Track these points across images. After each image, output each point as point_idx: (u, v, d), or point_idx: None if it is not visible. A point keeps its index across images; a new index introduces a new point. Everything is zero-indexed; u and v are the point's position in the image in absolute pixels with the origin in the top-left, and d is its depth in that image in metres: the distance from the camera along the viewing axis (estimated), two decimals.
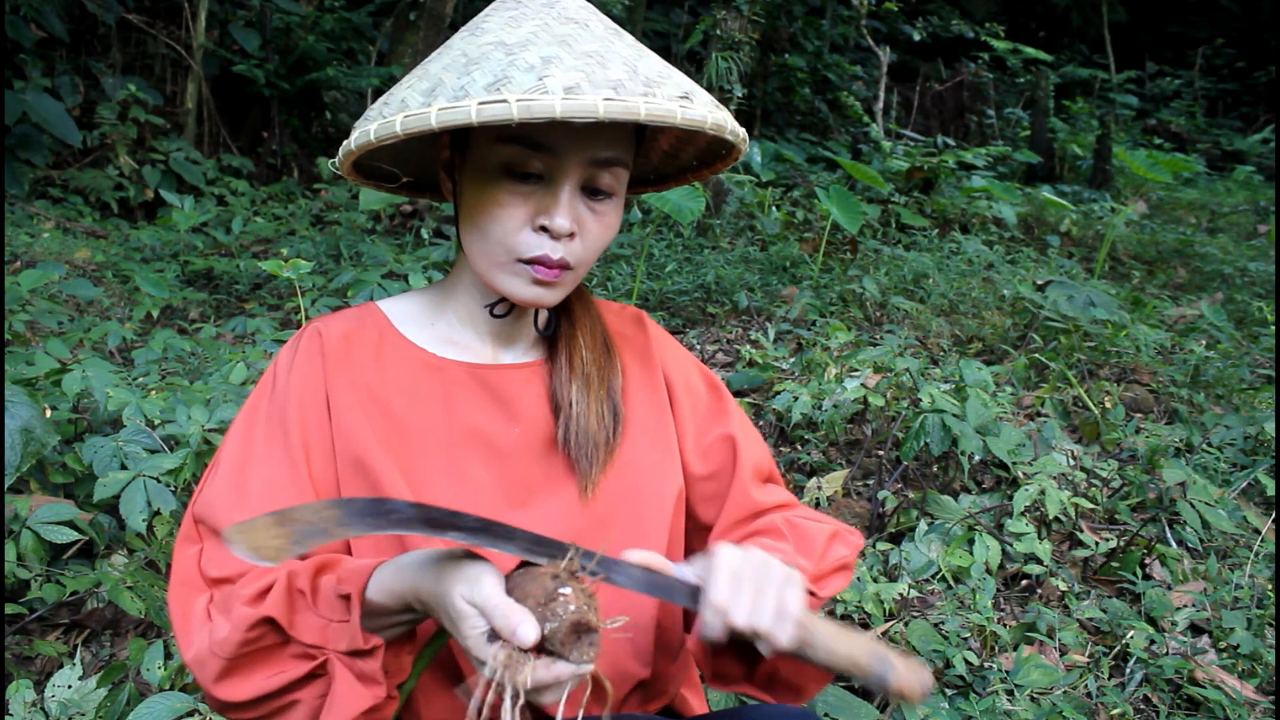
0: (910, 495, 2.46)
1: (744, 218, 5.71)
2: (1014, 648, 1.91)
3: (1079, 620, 2.03)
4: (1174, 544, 2.32)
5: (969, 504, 2.33)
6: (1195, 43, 13.80)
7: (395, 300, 1.08)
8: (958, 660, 1.78)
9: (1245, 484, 2.57)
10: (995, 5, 13.27)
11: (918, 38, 10.63)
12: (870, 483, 2.62)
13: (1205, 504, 2.22)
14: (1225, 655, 1.89)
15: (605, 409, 1.03)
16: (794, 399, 2.63)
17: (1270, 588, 2.09)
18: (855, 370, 2.83)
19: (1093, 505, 2.41)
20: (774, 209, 5.68)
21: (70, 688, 1.62)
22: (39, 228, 5.12)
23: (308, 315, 3.37)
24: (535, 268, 0.93)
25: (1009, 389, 3.11)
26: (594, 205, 0.95)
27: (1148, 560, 2.26)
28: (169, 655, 1.66)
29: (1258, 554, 2.21)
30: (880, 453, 2.75)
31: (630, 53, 0.89)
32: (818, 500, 2.46)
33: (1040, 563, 2.15)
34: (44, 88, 5.91)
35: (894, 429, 2.66)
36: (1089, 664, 1.88)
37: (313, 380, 0.99)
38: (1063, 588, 2.12)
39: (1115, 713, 1.72)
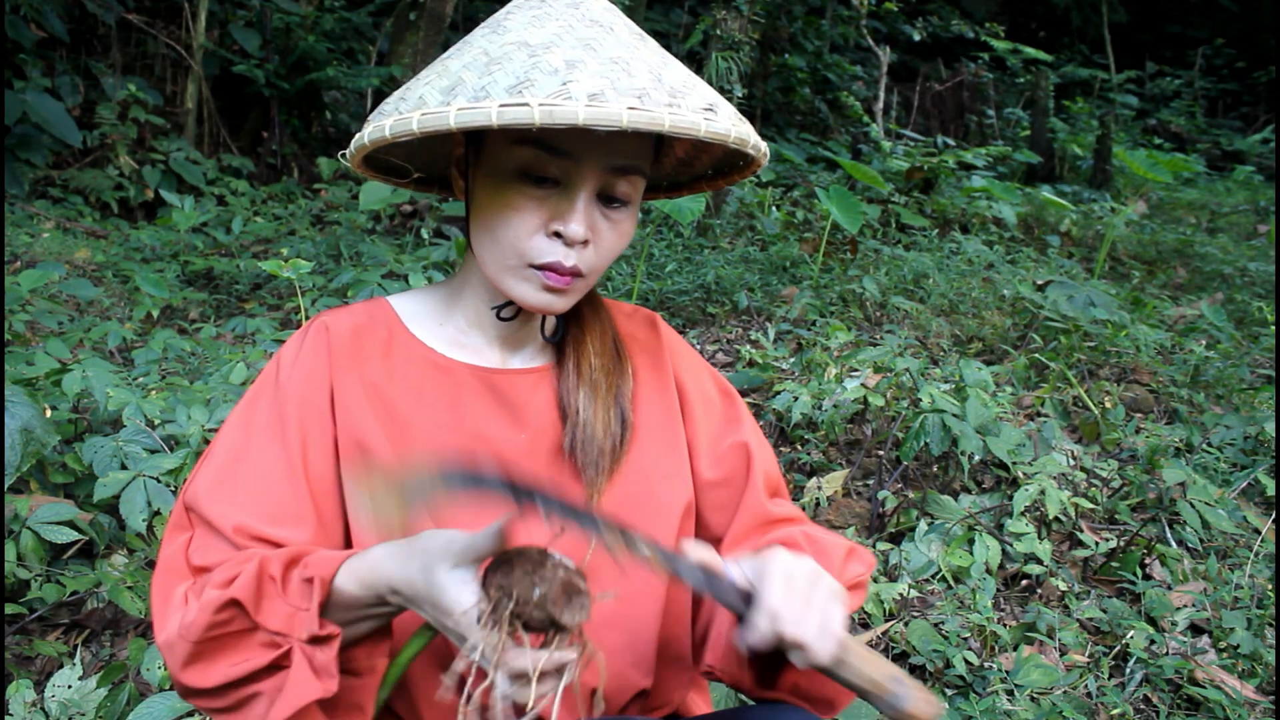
0: (910, 495, 2.46)
1: (744, 218, 5.71)
2: (1014, 648, 1.91)
3: (1079, 620, 2.03)
4: (1174, 544, 2.32)
5: (969, 504, 2.33)
6: (1195, 43, 13.80)
7: (406, 297, 1.06)
8: (958, 660, 1.78)
9: (1245, 484, 2.57)
10: (995, 5, 13.27)
11: (918, 38, 10.63)
12: (870, 483, 2.62)
13: (1205, 504, 2.22)
14: (1225, 655, 1.89)
15: (613, 416, 1.02)
16: (794, 399, 2.63)
17: (1270, 588, 2.09)
18: (855, 370, 2.83)
19: (1093, 505, 2.41)
20: (774, 209, 5.68)
21: (70, 688, 1.62)
22: (39, 228, 5.12)
23: (308, 315, 3.37)
24: (546, 274, 0.91)
25: (1009, 389, 3.11)
26: (609, 213, 0.93)
27: (1148, 560, 2.26)
28: None
29: (1258, 554, 2.21)
30: (880, 453, 2.75)
31: (655, 60, 0.88)
32: (818, 500, 2.46)
33: (1040, 563, 2.15)
34: (44, 88, 5.92)
35: (894, 429, 2.66)
36: (1089, 664, 1.88)
37: (317, 374, 0.97)
38: (1063, 588, 2.12)
39: (1115, 713, 1.72)
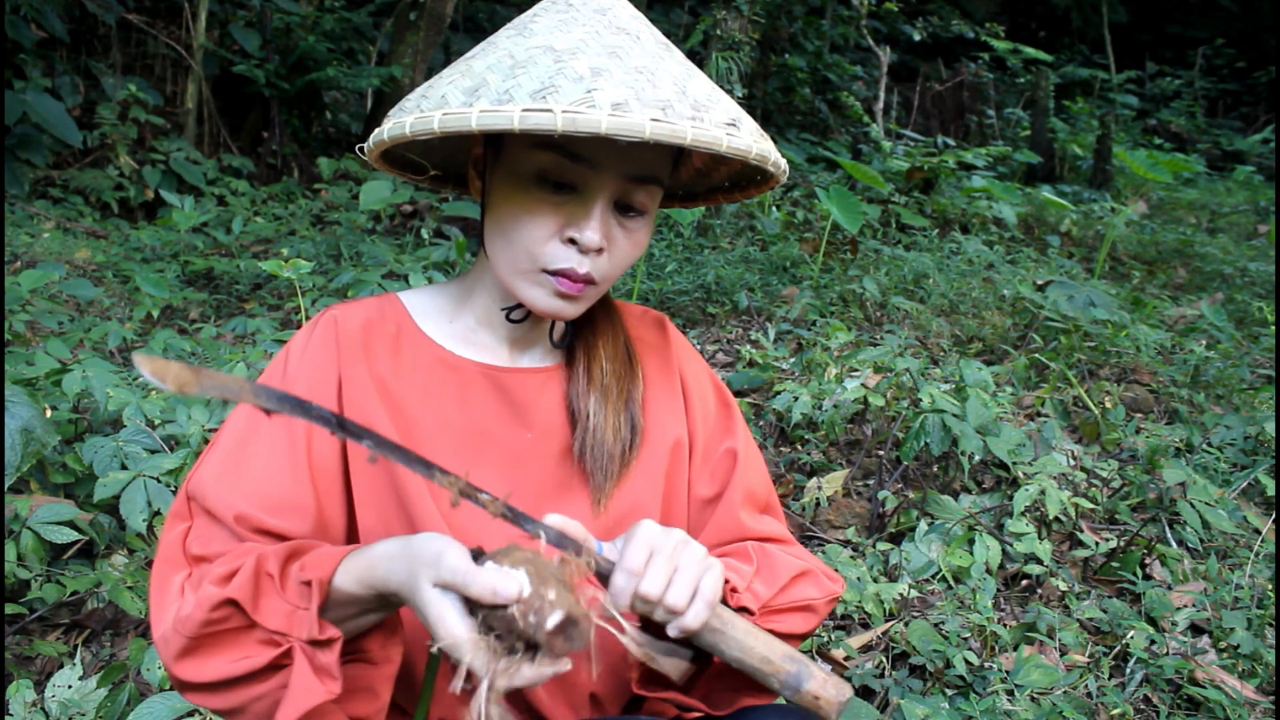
0: (910, 495, 2.46)
1: (744, 218, 5.70)
2: (1014, 648, 1.91)
3: (1079, 620, 2.03)
4: (1174, 544, 2.32)
5: (969, 504, 2.33)
6: (1195, 43, 13.80)
7: (416, 293, 1.06)
8: (958, 660, 1.78)
9: (1245, 484, 2.57)
10: (995, 5, 13.27)
11: (918, 38, 10.63)
12: (870, 483, 2.61)
13: (1205, 504, 2.22)
14: (1225, 655, 1.89)
15: (623, 421, 1.02)
16: (794, 399, 2.63)
17: (1270, 588, 2.09)
18: (855, 370, 2.83)
19: (1093, 505, 2.41)
20: (774, 209, 5.68)
21: (70, 688, 1.62)
22: (39, 228, 5.12)
23: (308, 315, 3.37)
24: (559, 280, 0.91)
25: (1009, 389, 3.11)
26: (625, 222, 0.93)
27: (1148, 560, 2.26)
28: None
29: (1258, 554, 2.21)
30: (880, 453, 2.75)
31: (680, 71, 0.88)
32: (818, 500, 2.46)
33: (1040, 563, 2.15)
34: (44, 88, 5.91)
35: (894, 429, 2.66)
36: (1089, 664, 1.87)
37: (325, 367, 0.97)
38: (1063, 588, 2.12)
39: (1115, 713, 1.72)
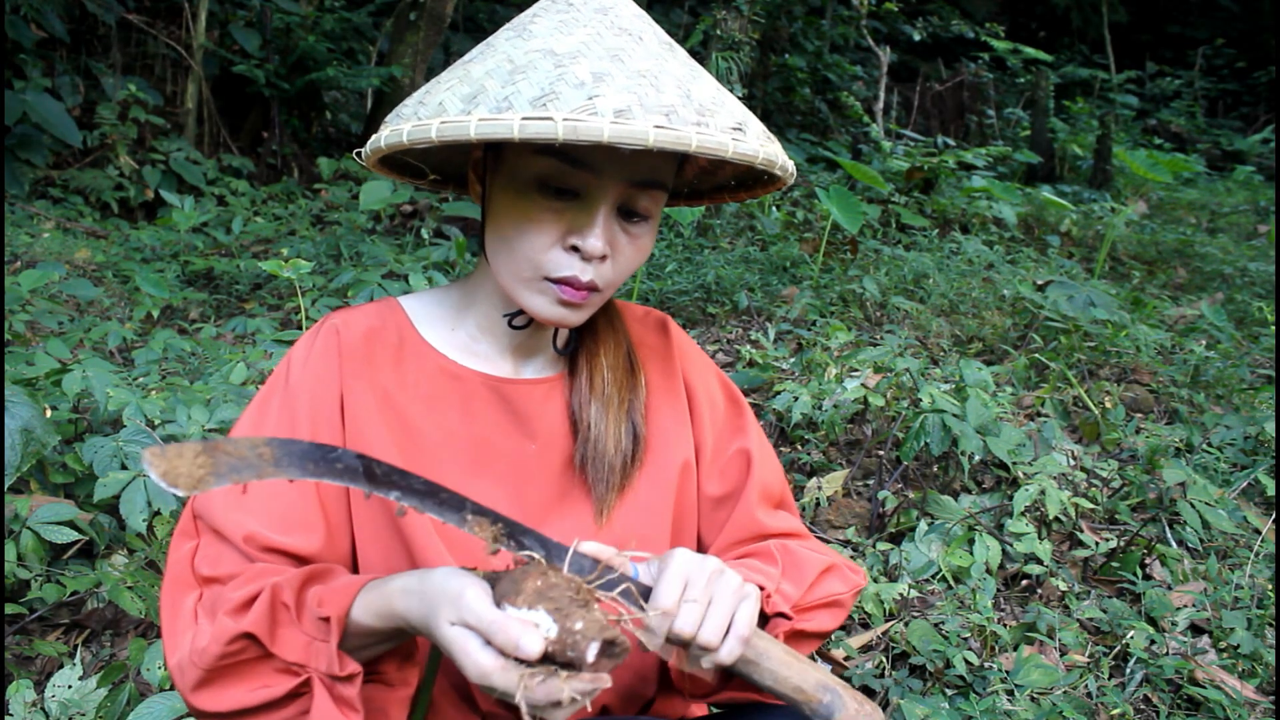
0: (910, 495, 2.46)
1: (744, 218, 5.70)
2: (1014, 648, 1.91)
3: (1079, 620, 2.03)
4: (1174, 544, 2.32)
5: (969, 504, 2.33)
6: (1195, 43, 13.81)
7: (417, 298, 1.05)
8: (958, 660, 1.77)
9: (1245, 484, 2.57)
10: (995, 5, 13.28)
11: (918, 38, 10.63)
12: (870, 483, 2.61)
13: (1205, 504, 2.22)
14: (1225, 655, 1.89)
15: (624, 430, 1.00)
16: (794, 399, 2.63)
17: (1270, 588, 2.09)
18: (855, 370, 2.83)
19: (1093, 505, 2.41)
20: (774, 209, 5.68)
21: (70, 688, 1.62)
22: (39, 228, 5.12)
23: (308, 315, 3.37)
24: (562, 288, 0.89)
25: (1009, 389, 3.11)
26: (629, 227, 0.91)
27: (1148, 560, 2.25)
28: None
29: (1258, 554, 2.21)
30: (880, 453, 2.75)
31: (683, 73, 0.85)
32: (818, 500, 2.46)
33: (1040, 563, 2.15)
34: (44, 88, 5.91)
35: (894, 429, 2.66)
36: (1089, 664, 1.87)
37: (327, 378, 0.96)
38: (1063, 588, 2.12)
39: (1115, 713, 1.72)
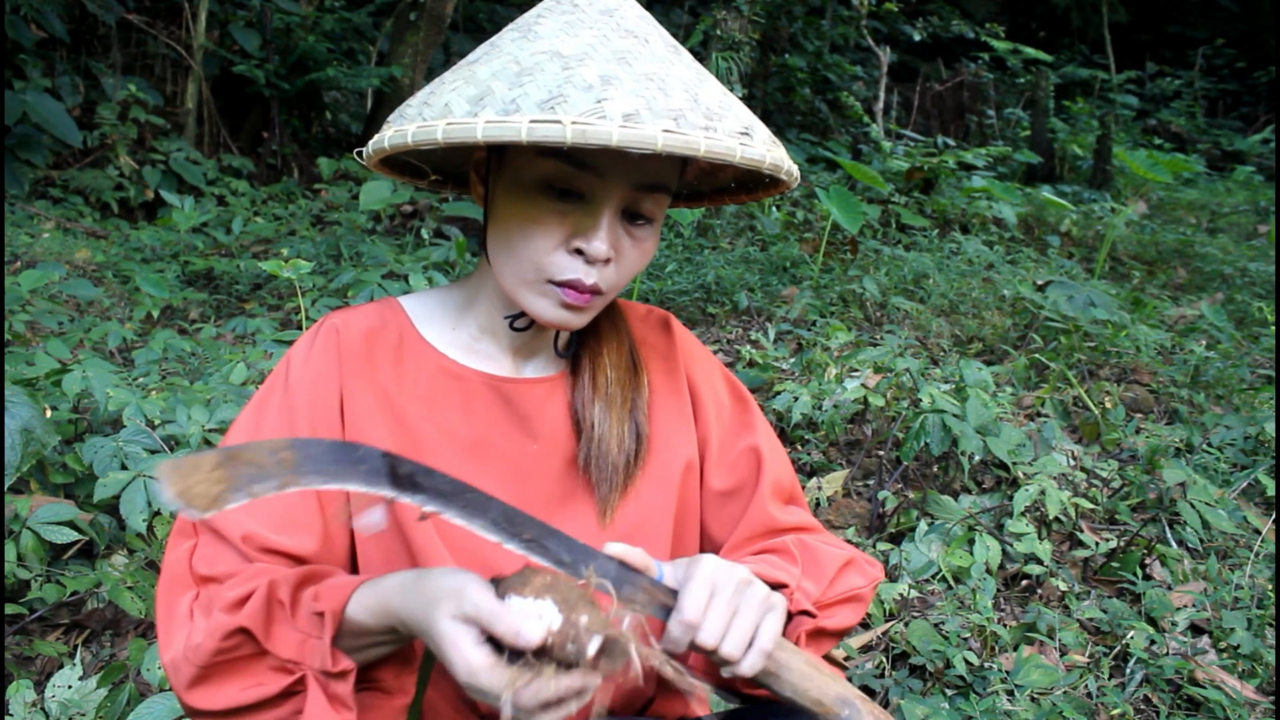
0: (910, 495, 2.46)
1: (744, 218, 5.70)
2: (1014, 648, 1.91)
3: (1079, 620, 2.03)
4: (1174, 544, 2.32)
5: (969, 504, 2.33)
6: (1195, 43, 13.80)
7: (418, 298, 1.04)
8: (958, 660, 1.77)
9: (1245, 484, 2.57)
10: (995, 5, 13.27)
11: (918, 38, 10.63)
12: (870, 483, 2.61)
13: (1205, 504, 2.22)
14: (1225, 655, 1.89)
15: (627, 430, 1.00)
16: (794, 399, 2.63)
17: (1270, 588, 2.09)
18: (855, 370, 2.83)
19: (1093, 505, 2.41)
20: (774, 209, 5.68)
21: (70, 688, 1.62)
22: (39, 228, 5.12)
23: (308, 315, 3.37)
24: (565, 291, 0.88)
25: (1009, 389, 3.11)
26: (633, 230, 0.91)
27: (1148, 560, 2.25)
28: None
29: (1258, 554, 2.21)
30: (880, 453, 2.75)
31: (690, 76, 0.85)
32: (818, 500, 2.46)
33: (1040, 563, 2.15)
34: (44, 88, 5.91)
35: (894, 429, 2.66)
36: (1089, 664, 1.87)
37: (326, 378, 0.96)
38: (1063, 588, 2.12)
39: (1115, 713, 1.72)
